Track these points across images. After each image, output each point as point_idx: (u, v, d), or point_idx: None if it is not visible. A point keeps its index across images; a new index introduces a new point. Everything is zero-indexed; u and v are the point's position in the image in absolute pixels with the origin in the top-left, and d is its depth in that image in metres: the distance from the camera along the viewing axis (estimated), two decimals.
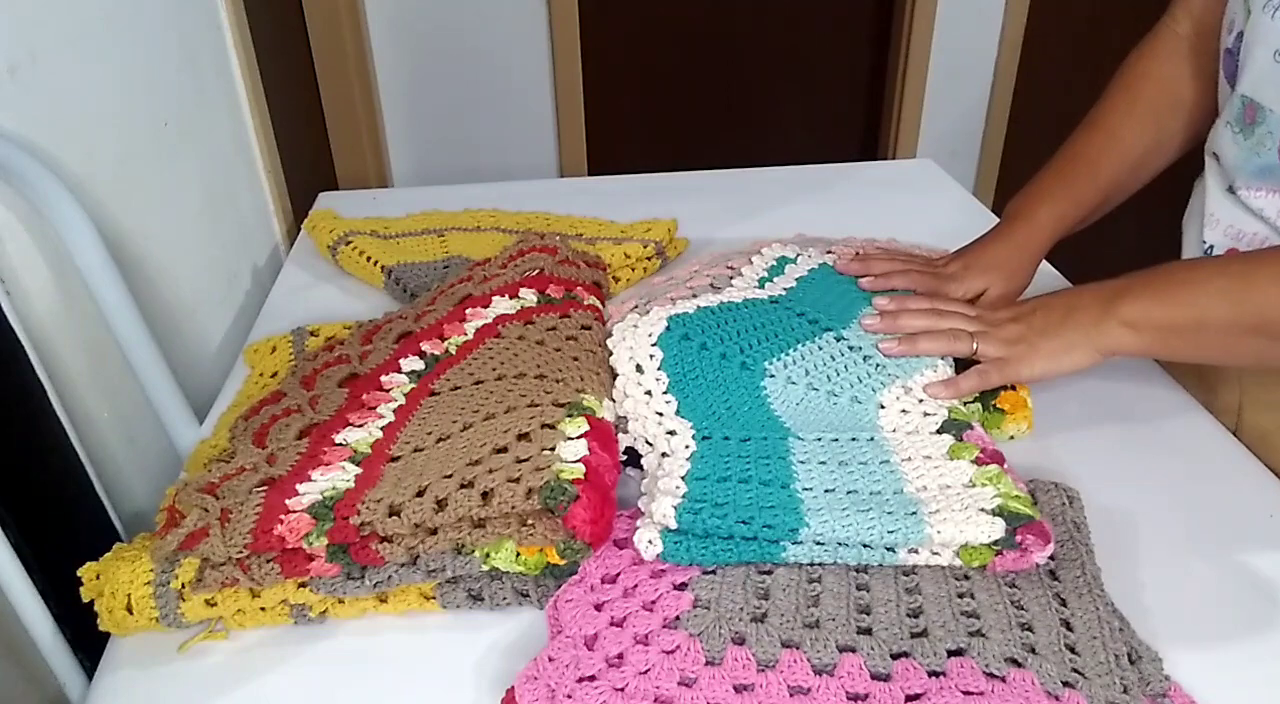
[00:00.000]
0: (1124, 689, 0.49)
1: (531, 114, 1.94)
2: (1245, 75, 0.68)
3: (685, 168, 1.29)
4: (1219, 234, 0.73)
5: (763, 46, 2.02)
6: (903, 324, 0.73)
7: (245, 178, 1.11)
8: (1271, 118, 0.66)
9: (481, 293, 0.81)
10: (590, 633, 0.53)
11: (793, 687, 0.49)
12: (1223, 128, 0.72)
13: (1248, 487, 0.68)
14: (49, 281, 0.70)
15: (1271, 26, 0.65)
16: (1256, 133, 0.68)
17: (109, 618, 0.56)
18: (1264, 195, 0.69)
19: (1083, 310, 0.67)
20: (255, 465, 0.63)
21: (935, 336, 0.71)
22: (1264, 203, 0.69)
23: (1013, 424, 0.71)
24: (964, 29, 1.99)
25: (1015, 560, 0.56)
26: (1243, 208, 0.70)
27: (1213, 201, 0.73)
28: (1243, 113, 0.69)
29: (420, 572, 0.56)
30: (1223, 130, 0.72)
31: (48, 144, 0.70)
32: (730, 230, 1.07)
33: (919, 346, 0.71)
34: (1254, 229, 0.70)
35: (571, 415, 0.63)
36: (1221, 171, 0.73)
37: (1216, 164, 0.74)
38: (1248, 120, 0.68)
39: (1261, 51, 0.66)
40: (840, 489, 0.60)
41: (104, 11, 0.79)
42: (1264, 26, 0.66)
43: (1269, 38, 0.65)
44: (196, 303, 0.92)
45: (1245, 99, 0.68)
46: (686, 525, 0.57)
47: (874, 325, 0.74)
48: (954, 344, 0.71)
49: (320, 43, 1.60)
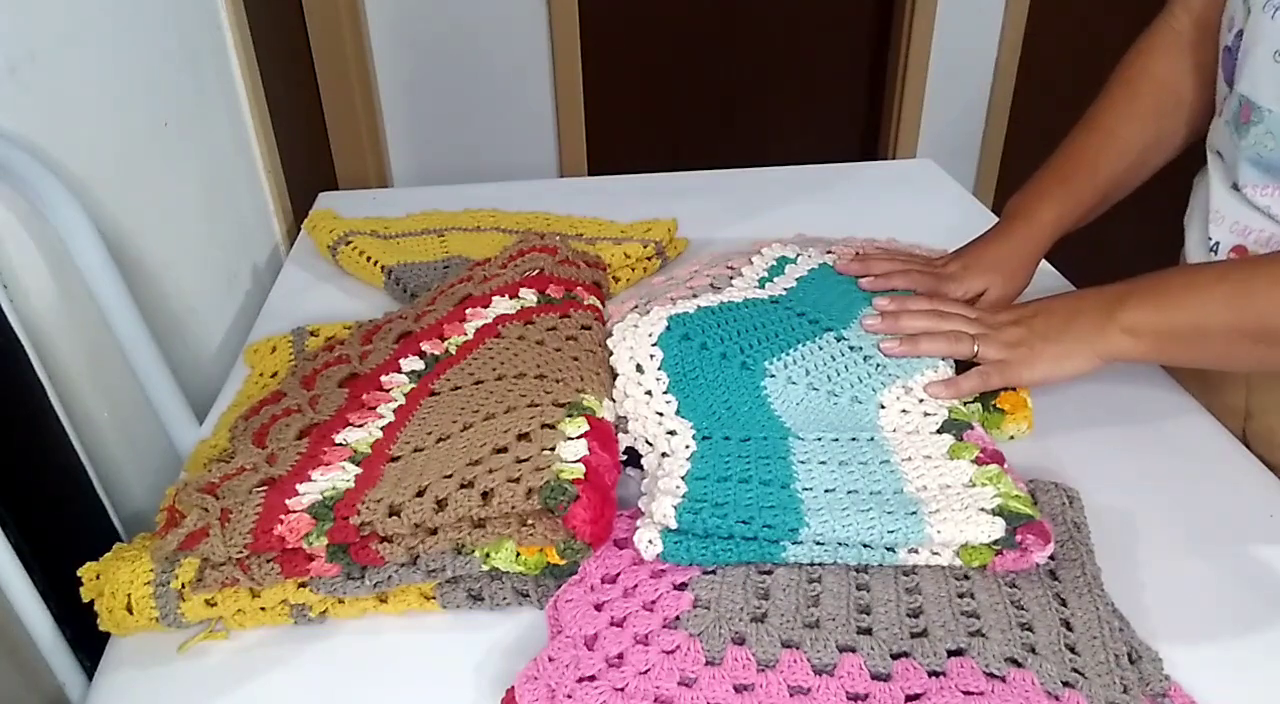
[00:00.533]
0: (1124, 689, 0.49)
1: (531, 114, 1.94)
2: (1243, 74, 0.68)
3: (685, 168, 1.29)
4: (1224, 231, 0.73)
5: (763, 46, 2.02)
6: (904, 325, 0.73)
7: (245, 178, 1.11)
8: (1270, 117, 0.66)
9: (481, 293, 0.81)
10: (590, 633, 0.53)
11: (793, 687, 0.49)
12: (1223, 126, 0.72)
13: (1248, 487, 0.68)
14: (49, 281, 0.70)
15: (1271, 26, 0.65)
16: (1252, 132, 0.67)
17: (109, 618, 0.56)
18: (1270, 192, 0.68)
19: (1084, 315, 0.67)
20: (255, 465, 0.63)
21: (936, 338, 0.71)
22: (1270, 200, 0.68)
23: (1013, 424, 0.71)
24: (964, 29, 1.99)
25: (1015, 560, 0.56)
26: (1248, 205, 0.70)
27: (1217, 198, 0.73)
28: (1239, 112, 0.69)
29: (420, 572, 0.56)
30: (1223, 128, 0.72)
31: (48, 144, 0.70)
32: (730, 230, 1.07)
33: (920, 347, 0.71)
34: (1260, 225, 0.70)
35: (571, 415, 0.63)
36: (1225, 168, 0.73)
37: (1220, 161, 0.74)
38: (1243, 119, 0.68)
39: (1260, 51, 0.66)
40: (840, 489, 0.60)
41: (104, 11, 0.79)
42: (1264, 26, 0.66)
43: (1268, 38, 0.65)
44: (196, 303, 0.92)
45: (1243, 98, 0.68)
46: (687, 525, 0.57)
47: (875, 326, 0.74)
48: (955, 346, 0.71)
49: (320, 43, 1.60)
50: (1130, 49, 0.83)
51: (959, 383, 0.69)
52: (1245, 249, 0.72)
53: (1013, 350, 0.69)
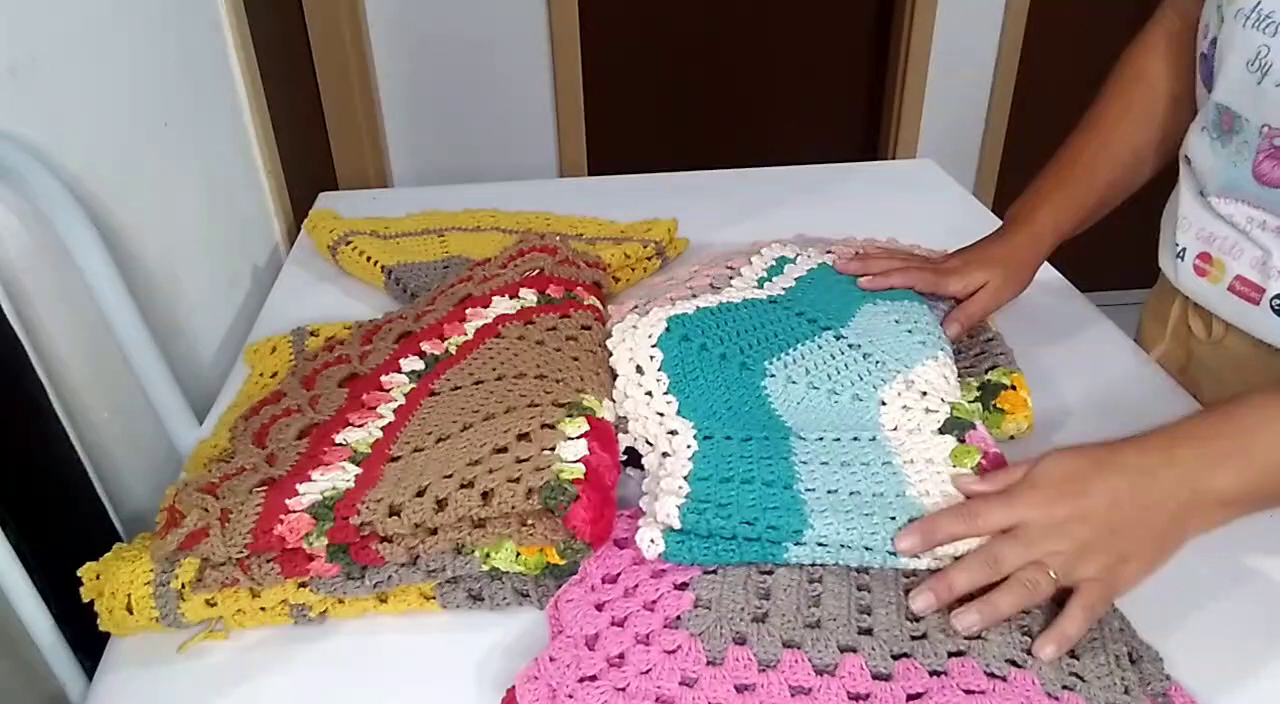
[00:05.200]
0: (1125, 689, 0.49)
1: (531, 114, 1.94)
2: (1220, 83, 0.68)
3: (685, 168, 1.29)
4: (1190, 237, 0.73)
5: (763, 47, 2.02)
6: (956, 586, 0.54)
7: (245, 178, 1.11)
8: (1248, 128, 0.66)
9: (481, 293, 0.81)
10: (591, 633, 0.53)
11: (794, 687, 0.49)
12: (1199, 133, 0.72)
13: None
14: (49, 282, 0.70)
15: (1244, 35, 0.65)
16: (1234, 142, 0.67)
17: (109, 618, 0.56)
18: (1232, 203, 0.69)
19: (1161, 504, 0.53)
20: (255, 465, 0.63)
21: (1012, 588, 0.53)
22: (1233, 209, 0.69)
23: (1013, 424, 0.71)
24: (964, 29, 1.99)
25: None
26: (1212, 213, 0.70)
27: (1184, 204, 0.74)
28: (1219, 120, 0.69)
29: (420, 572, 0.56)
30: (1199, 135, 0.72)
31: (48, 144, 0.70)
32: (730, 230, 1.07)
33: (1000, 610, 0.52)
34: (1224, 234, 0.70)
35: (571, 415, 0.63)
36: (1193, 176, 0.73)
37: (1188, 167, 0.74)
38: (1225, 127, 0.68)
39: (1234, 59, 0.66)
40: (843, 490, 0.60)
41: (104, 12, 0.79)
42: (1237, 35, 0.65)
43: (1242, 47, 0.65)
44: (196, 303, 0.92)
45: (1221, 107, 0.68)
46: (690, 526, 0.56)
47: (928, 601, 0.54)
48: (1034, 595, 0.53)
49: (320, 43, 1.60)
50: (1125, 51, 0.83)
51: (1064, 629, 0.52)
52: (1210, 256, 0.72)
53: (1098, 563, 0.53)
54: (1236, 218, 0.68)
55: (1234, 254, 0.70)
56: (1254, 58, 0.64)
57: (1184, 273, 0.75)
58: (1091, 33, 2.03)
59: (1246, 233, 0.68)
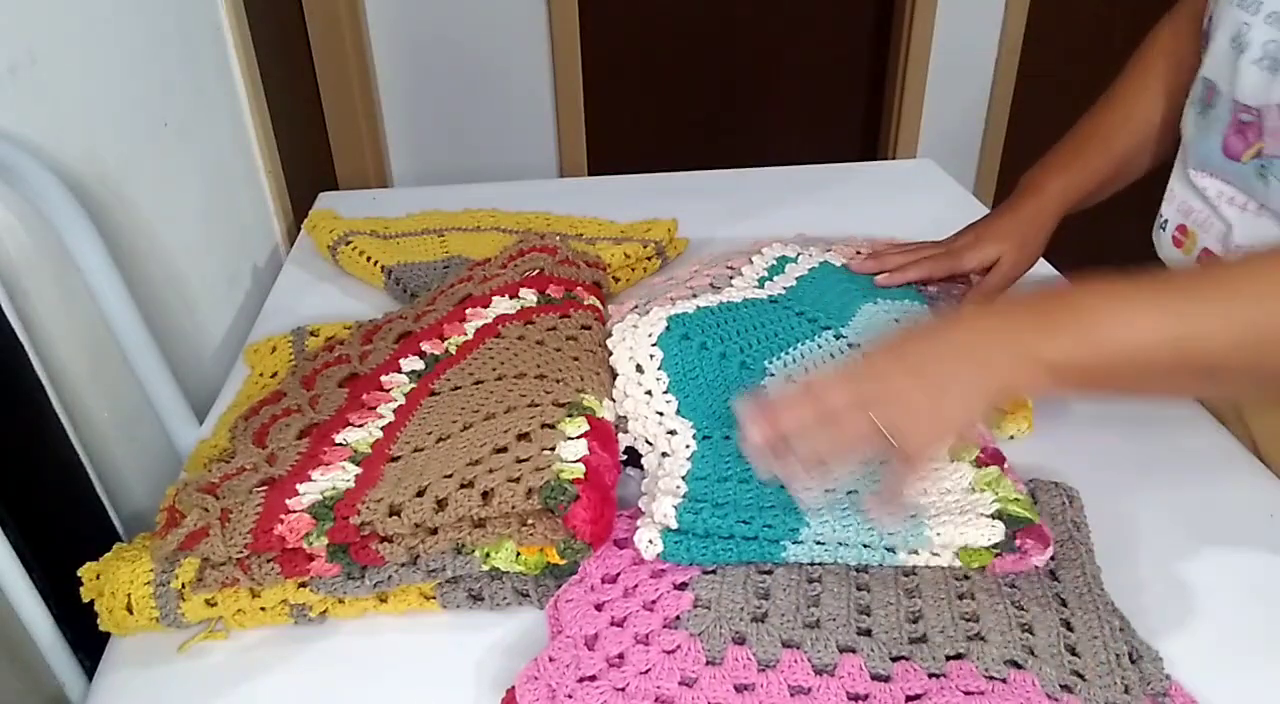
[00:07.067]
0: (1125, 689, 0.49)
1: (531, 114, 1.94)
2: (1207, 58, 0.70)
3: (685, 168, 1.29)
4: (1173, 210, 0.75)
5: (763, 46, 2.02)
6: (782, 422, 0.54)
7: (245, 178, 1.11)
8: (1221, 102, 0.67)
9: (481, 293, 0.81)
10: (591, 633, 0.53)
11: (793, 687, 0.49)
12: (1189, 107, 0.74)
13: (1248, 487, 0.68)
14: (49, 281, 0.70)
15: (1230, 13, 0.67)
16: (1210, 115, 0.69)
17: (109, 618, 0.56)
18: (1206, 176, 0.70)
19: (986, 356, 0.54)
20: (255, 465, 0.63)
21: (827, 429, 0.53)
22: (1207, 182, 0.70)
23: (1013, 424, 0.71)
24: (964, 29, 1.99)
25: (1014, 562, 0.56)
26: (1191, 187, 0.72)
27: (1174, 177, 0.75)
28: (1204, 94, 0.70)
29: (420, 572, 0.56)
30: (1188, 109, 0.74)
31: (48, 144, 0.70)
32: (730, 230, 1.07)
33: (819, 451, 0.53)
34: (1198, 207, 0.72)
35: (571, 415, 0.63)
36: (1182, 149, 0.75)
37: (1181, 141, 0.75)
38: (1207, 101, 0.70)
39: (1221, 36, 0.68)
40: (840, 489, 0.60)
41: (104, 12, 0.79)
42: (1227, 13, 0.68)
43: (1228, 24, 0.67)
44: (196, 303, 0.92)
45: (1207, 81, 0.70)
46: (687, 525, 0.57)
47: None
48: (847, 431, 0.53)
49: (320, 43, 1.60)
50: (1152, 30, 0.84)
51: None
52: (1186, 228, 0.73)
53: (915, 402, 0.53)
54: (1209, 191, 0.70)
55: (1205, 227, 0.71)
56: (1236, 34, 0.66)
57: (1165, 243, 0.76)
58: (1091, 32, 2.03)
59: (1216, 207, 0.70)
